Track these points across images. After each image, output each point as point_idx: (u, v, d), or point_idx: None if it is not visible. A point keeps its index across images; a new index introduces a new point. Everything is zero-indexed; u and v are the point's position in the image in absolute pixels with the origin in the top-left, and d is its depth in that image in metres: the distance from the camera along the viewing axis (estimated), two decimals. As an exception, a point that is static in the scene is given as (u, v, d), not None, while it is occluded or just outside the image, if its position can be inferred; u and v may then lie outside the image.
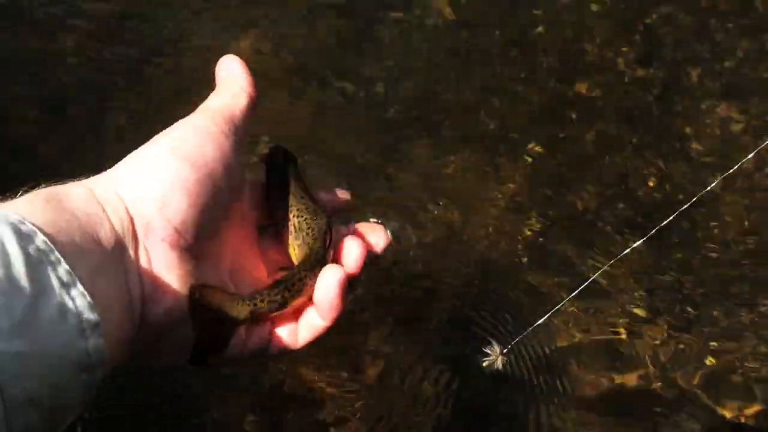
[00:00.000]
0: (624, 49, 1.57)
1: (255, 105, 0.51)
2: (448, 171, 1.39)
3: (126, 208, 0.45)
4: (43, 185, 0.44)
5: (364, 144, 1.39)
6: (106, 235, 0.44)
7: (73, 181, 0.46)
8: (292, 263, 0.52)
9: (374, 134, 1.42)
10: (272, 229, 0.54)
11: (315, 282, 0.49)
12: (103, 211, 0.44)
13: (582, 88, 1.52)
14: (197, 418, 1.12)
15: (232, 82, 0.51)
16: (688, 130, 1.48)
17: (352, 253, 0.50)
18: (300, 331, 0.51)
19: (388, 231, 0.54)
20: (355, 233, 0.53)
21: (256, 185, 0.56)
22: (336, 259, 0.51)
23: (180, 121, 0.49)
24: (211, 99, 0.51)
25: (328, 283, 0.48)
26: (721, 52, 1.58)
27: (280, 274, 0.50)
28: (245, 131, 0.50)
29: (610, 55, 1.56)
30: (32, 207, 0.42)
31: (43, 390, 0.38)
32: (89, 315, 0.40)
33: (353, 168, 1.36)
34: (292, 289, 0.49)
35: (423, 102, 1.47)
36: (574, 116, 1.48)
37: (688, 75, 1.55)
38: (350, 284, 0.49)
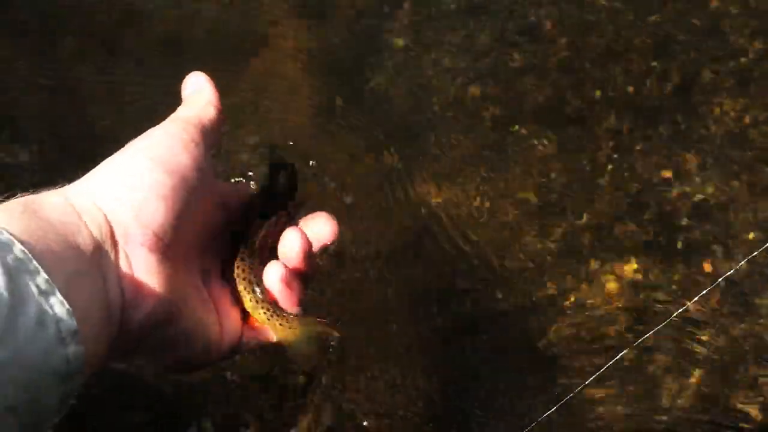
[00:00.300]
0: (638, 46, 1.53)
1: (221, 117, 0.53)
2: (451, 191, 1.34)
3: (104, 215, 0.46)
4: (20, 194, 0.45)
5: (367, 151, 1.37)
6: (84, 242, 0.44)
7: (50, 189, 0.46)
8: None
9: (377, 141, 1.39)
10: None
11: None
12: (80, 218, 0.45)
13: (591, 89, 1.48)
14: (193, 419, 1.13)
15: (199, 96, 0.53)
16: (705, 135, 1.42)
17: (292, 248, 0.53)
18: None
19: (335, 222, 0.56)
20: (297, 225, 0.55)
21: (226, 191, 0.57)
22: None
23: (151, 129, 0.50)
24: (180, 110, 0.53)
25: (271, 280, 0.52)
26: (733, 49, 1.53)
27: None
28: (214, 140, 0.52)
29: (620, 52, 1.52)
30: (9, 216, 0.42)
31: (21, 397, 0.38)
32: (68, 322, 0.40)
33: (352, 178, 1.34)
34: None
35: (425, 103, 1.45)
36: (582, 119, 1.44)
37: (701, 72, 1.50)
38: (302, 275, 0.51)
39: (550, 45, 1.52)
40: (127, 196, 0.47)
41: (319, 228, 0.55)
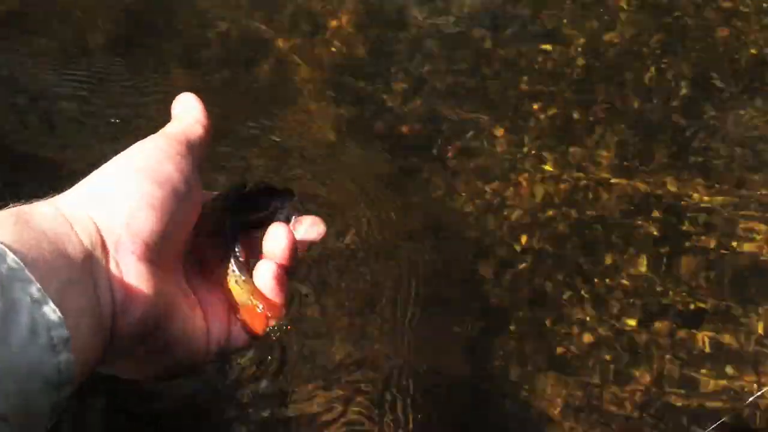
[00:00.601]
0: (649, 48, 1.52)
1: (209, 134, 0.55)
2: (457, 203, 1.35)
3: (95, 224, 0.47)
4: (11, 205, 0.46)
5: (374, 162, 1.37)
6: (75, 251, 0.45)
7: (40, 200, 0.47)
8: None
9: (385, 152, 1.39)
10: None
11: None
12: (72, 227, 0.46)
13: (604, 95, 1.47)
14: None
15: (187, 114, 0.55)
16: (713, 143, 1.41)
17: (279, 244, 0.54)
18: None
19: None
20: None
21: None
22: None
23: (138, 142, 0.52)
24: (168, 127, 0.55)
25: (264, 278, 0.53)
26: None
27: None
28: (201, 155, 0.54)
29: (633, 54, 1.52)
30: (1, 227, 0.43)
31: (13, 406, 0.39)
32: (60, 331, 0.41)
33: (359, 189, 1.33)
34: None
35: (436, 114, 1.45)
36: (592, 126, 1.44)
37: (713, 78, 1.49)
38: (288, 270, 0.54)
39: (564, 55, 1.53)
40: (118, 205, 0.48)
41: (306, 227, 0.57)
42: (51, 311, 0.41)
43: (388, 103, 1.46)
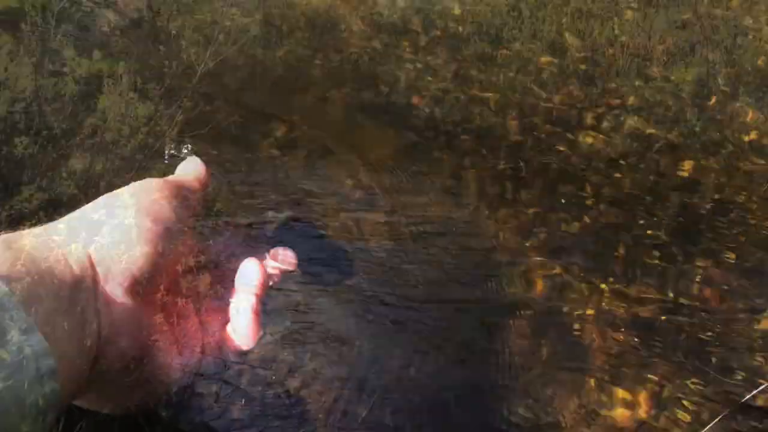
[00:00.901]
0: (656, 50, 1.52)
1: (206, 189, 0.59)
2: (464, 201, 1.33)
3: (87, 254, 0.47)
4: (3, 232, 0.46)
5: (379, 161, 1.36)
6: (65, 280, 0.45)
7: (34, 227, 0.48)
8: None
9: (391, 149, 1.38)
10: None
11: None
12: (63, 256, 0.46)
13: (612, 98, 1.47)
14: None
15: (188, 168, 0.60)
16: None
17: (252, 278, 0.56)
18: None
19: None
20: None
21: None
22: None
23: (138, 181, 0.54)
24: (170, 177, 0.58)
25: (244, 312, 0.55)
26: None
27: None
28: (196, 205, 0.57)
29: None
30: None
31: None
32: (47, 361, 0.41)
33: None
34: None
35: (440, 114, 1.45)
36: (599, 127, 1.44)
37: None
38: (261, 299, 0.55)
39: (570, 59, 1.52)
40: (113, 238, 0.48)
41: (282, 257, 0.59)
42: (38, 341, 0.41)
43: (400, 88, 1.46)
